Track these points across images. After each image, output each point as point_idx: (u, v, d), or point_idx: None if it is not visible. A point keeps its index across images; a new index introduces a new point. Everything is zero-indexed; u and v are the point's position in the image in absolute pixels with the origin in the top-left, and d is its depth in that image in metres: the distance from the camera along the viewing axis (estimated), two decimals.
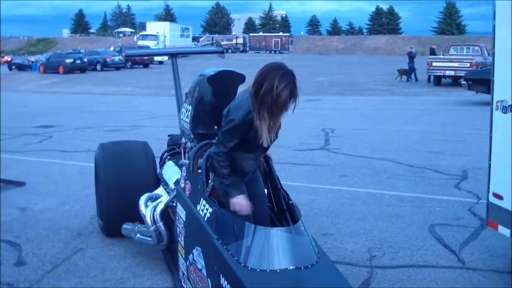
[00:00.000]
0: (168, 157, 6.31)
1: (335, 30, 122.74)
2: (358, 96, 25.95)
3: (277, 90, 3.65)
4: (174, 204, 4.88)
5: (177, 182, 5.01)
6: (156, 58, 49.46)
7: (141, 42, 64.13)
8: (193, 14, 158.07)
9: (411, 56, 33.72)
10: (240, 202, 3.94)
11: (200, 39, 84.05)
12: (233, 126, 3.89)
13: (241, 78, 5.21)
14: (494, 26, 5.19)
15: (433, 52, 34.08)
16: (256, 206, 4.15)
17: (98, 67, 46.78)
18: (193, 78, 5.56)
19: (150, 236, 5.24)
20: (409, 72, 33.52)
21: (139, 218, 5.41)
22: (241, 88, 4.87)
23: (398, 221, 6.85)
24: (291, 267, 3.37)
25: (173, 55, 7.19)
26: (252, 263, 3.41)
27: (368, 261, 5.56)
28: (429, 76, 31.17)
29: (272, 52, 79.73)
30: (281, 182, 4.47)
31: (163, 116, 16.78)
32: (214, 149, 4.02)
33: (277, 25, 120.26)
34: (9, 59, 58.72)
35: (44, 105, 23.21)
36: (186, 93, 5.74)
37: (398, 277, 5.18)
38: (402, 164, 10.14)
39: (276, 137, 4.08)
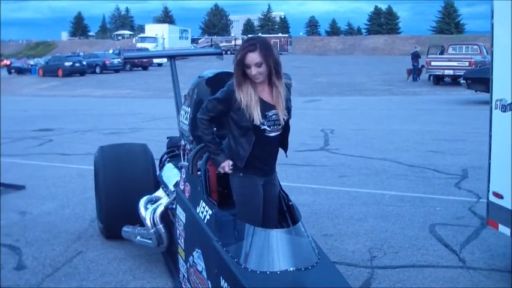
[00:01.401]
0: (168, 159, 6.31)
1: (334, 30, 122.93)
2: (357, 97, 25.95)
3: (239, 53, 3.81)
4: (174, 206, 4.87)
5: (176, 184, 5.00)
6: (155, 60, 49.49)
7: (140, 45, 64.12)
8: (192, 16, 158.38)
9: (416, 56, 33.54)
10: (226, 165, 4.02)
11: (199, 41, 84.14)
12: (216, 97, 4.01)
13: None
14: (492, 24, 5.19)
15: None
16: (267, 208, 4.14)
17: (97, 70, 46.85)
18: (192, 80, 5.56)
19: (150, 239, 5.23)
20: (413, 72, 33.42)
21: (139, 221, 5.40)
22: None
23: (398, 221, 6.84)
24: (291, 269, 3.35)
25: (172, 57, 7.17)
26: (252, 265, 3.39)
27: (368, 262, 5.55)
28: (430, 75, 31.12)
29: None
30: (281, 183, 4.46)
31: (163, 118, 16.78)
32: (199, 115, 4.10)
33: (276, 26, 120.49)
34: (8, 62, 58.76)
35: (44, 108, 23.21)
36: (184, 95, 5.73)
37: (399, 277, 5.17)
38: (402, 164, 10.13)
39: (287, 116, 4.04)
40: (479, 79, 19.39)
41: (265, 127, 3.90)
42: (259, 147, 3.96)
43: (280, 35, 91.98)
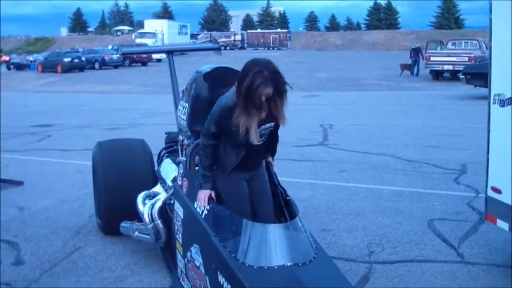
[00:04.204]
0: (166, 155, 6.31)
1: (333, 25, 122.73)
2: (356, 92, 25.94)
3: (253, 86, 3.67)
4: (172, 201, 4.88)
5: (174, 180, 5.00)
6: (155, 56, 49.40)
7: (139, 40, 63.93)
8: (191, 12, 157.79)
9: (418, 51, 33.45)
10: (202, 196, 4.01)
11: (198, 37, 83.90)
12: (211, 118, 4.00)
13: (237, 75, 5.18)
14: (491, 19, 5.18)
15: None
16: (260, 203, 4.14)
17: (96, 66, 46.70)
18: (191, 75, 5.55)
19: (148, 234, 5.23)
20: (412, 67, 33.38)
21: (137, 216, 5.41)
22: None
23: (397, 216, 6.84)
24: (289, 264, 3.35)
25: (169, 52, 7.16)
26: (250, 260, 3.39)
27: (367, 257, 5.56)
28: (430, 70, 31.05)
29: (270, 48, 79.68)
30: (279, 178, 4.45)
31: (162, 114, 16.77)
32: (201, 140, 4.11)
33: (275, 21, 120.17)
34: (7, 58, 58.66)
35: (43, 104, 23.19)
36: (182, 90, 5.73)
37: (397, 272, 5.17)
38: (401, 159, 10.13)
39: (274, 138, 4.10)
40: (479, 74, 19.35)
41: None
42: (244, 155, 4.00)
43: (279, 30, 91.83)
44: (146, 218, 5.17)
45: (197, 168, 4.41)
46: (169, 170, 5.61)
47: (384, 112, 17.78)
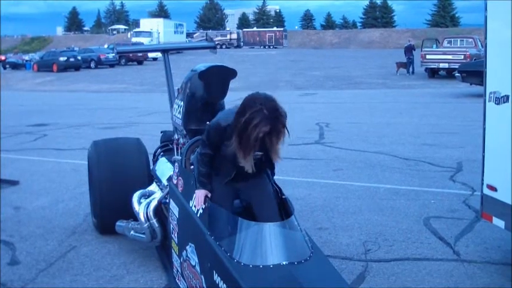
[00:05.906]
0: (161, 153, 6.30)
1: (329, 24, 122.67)
2: (353, 90, 25.94)
3: (250, 124, 3.57)
4: (167, 200, 4.87)
5: (169, 179, 4.99)
6: (150, 55, 49.41)
7: (135, 39, 63.96)
8: (187, 10, 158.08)
9: (410, 49, 33.46)
10: (199, 196, 4.02)
11: (194, 35, 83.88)
12: (206, 132, 4.01)
13: (232, 73, 5.18)
14: (486, 17, 5.17)
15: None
16: (260, 213, 4.10)
17: (92, 65, 46.66)
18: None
19: (143, 233, 5.22)
20: (408, 65, 33.35)
21: (132, 215, 5.40)
22: (233, 83, 4.87)
23: (393, 214, 6.84)
24: (284, 263, 3.34)
25: (165, 51, 7.15)
26: (245, 259, 3.38)
27: (363, 255, 5.55)
28: (426, 68, 31.08)
29: (266, 47, 79.71)
30: (275, 177, 4.44)
31: (158, 113, 16.74)
32: (199, 149, 4.11)
33: (271, 20, 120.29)
34: (3, 57, 58.53)
35: (39, 103, 23.14)
36: (177, 89, 5.72)
37: (393, 270, 5.17)
38: (397, 157, 10.13)
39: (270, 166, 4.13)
40: (474, 72, 19.39)
41: None
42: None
43: (275, 28, 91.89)
44: (142, 217, 5.16)
45: (192, 167, 4.41)
46: (164, 169, 5.60)
47: (379, 110, 17.78)
